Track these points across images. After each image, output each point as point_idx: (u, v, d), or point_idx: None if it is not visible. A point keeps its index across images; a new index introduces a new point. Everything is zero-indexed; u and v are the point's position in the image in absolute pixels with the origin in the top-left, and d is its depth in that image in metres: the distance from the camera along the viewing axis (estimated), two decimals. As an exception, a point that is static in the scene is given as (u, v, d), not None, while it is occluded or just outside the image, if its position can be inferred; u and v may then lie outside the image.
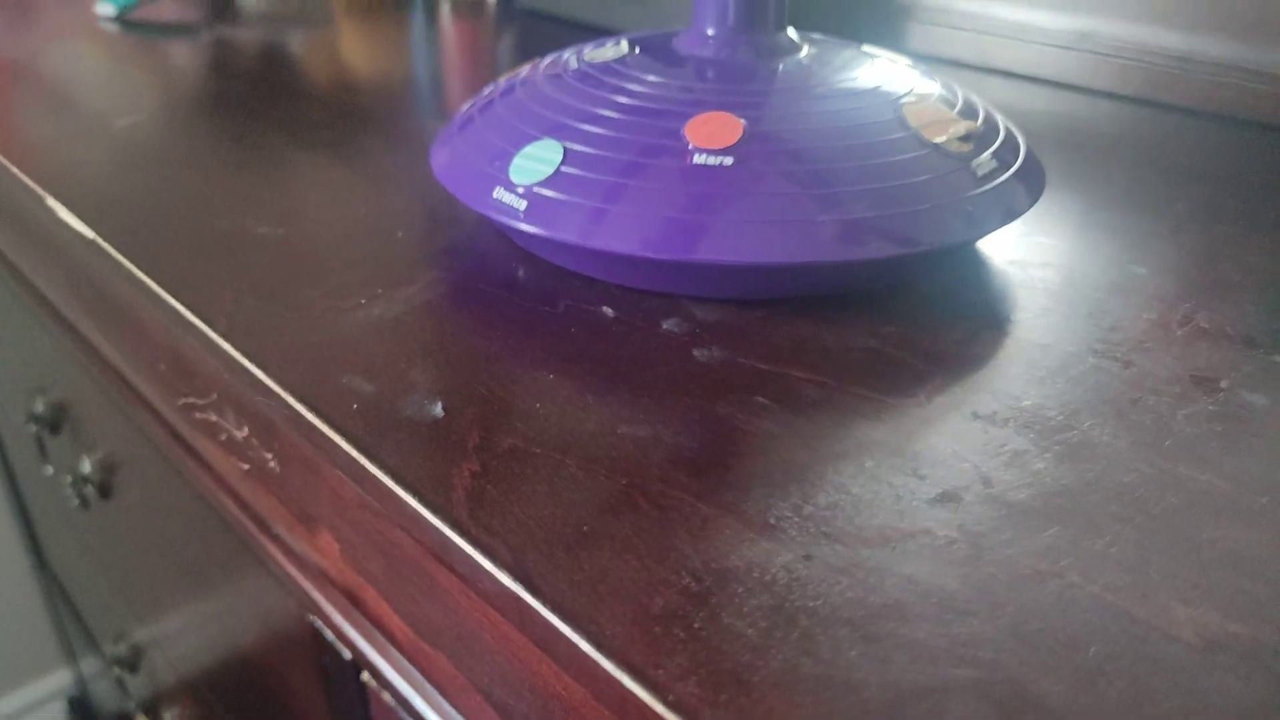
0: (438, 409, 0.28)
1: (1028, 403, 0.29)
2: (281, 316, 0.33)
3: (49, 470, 0.85)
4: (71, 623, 1.12)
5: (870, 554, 0.23)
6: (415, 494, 0.25)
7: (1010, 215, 0.34)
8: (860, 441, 0.27)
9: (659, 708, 0.19)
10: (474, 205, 0.35)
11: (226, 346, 0.31)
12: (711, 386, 0.29)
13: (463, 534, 0.24)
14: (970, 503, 0.25)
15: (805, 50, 0.38)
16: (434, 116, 0.54)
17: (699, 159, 0.32)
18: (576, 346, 0.31)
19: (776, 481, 0.25)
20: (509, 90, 0.39)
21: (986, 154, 0.35)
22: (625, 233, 0.32)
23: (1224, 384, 0.30)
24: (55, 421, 0.77)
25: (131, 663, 0.86)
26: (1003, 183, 0.35)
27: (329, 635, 0.41)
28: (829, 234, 0.31)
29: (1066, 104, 0.56)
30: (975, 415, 0.28)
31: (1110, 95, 0.57)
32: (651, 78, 0.36)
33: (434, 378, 0.29)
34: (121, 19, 0.73)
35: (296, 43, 0.70)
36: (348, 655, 0.40)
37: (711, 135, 0.33)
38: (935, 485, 0.25)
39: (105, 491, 0.72)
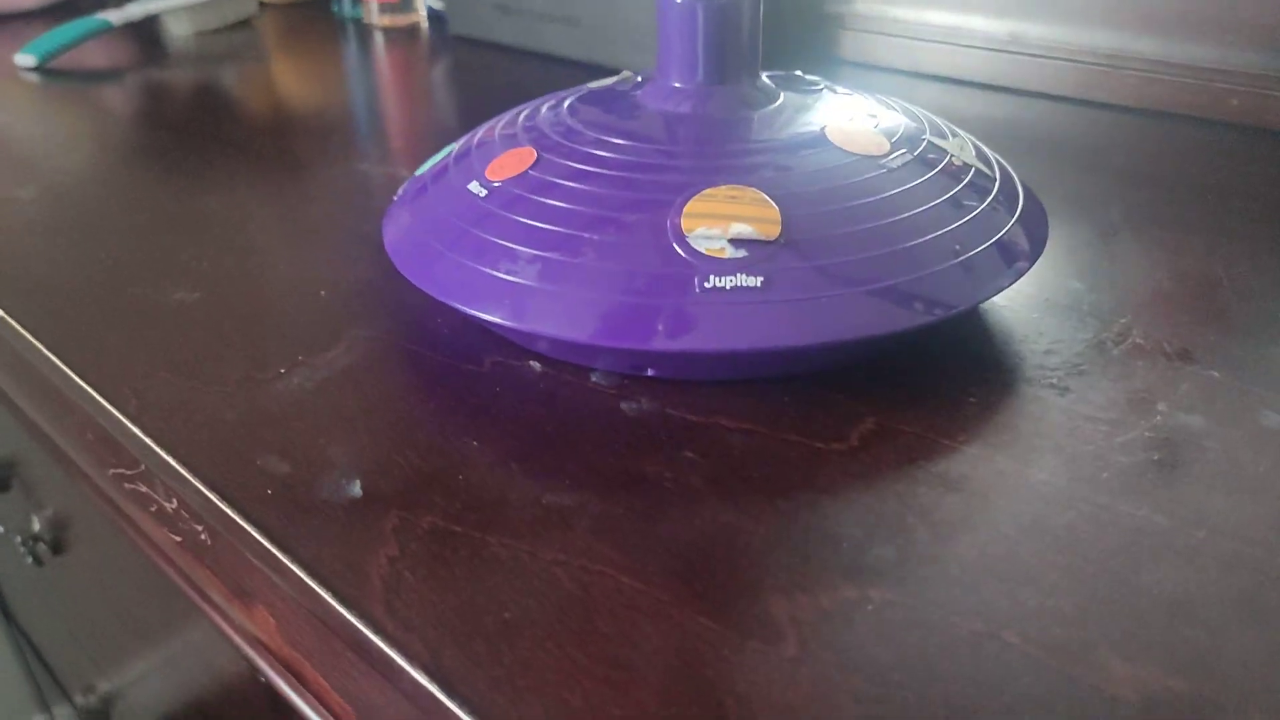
0: (355, 488, 0.27)
1: (961, 440, 0.28)
2: (195, 392, 0.32)
3: (0, 529, 0.83)
4: (42, 674, 1.10)
5: (803, 624, 0.22)
6: (329, 588, 0.24)
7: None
8: (791, 496, 0.26)
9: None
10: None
11: (136, 430, 0.30)
12: (639, 444, 0.28)
13: (378, 631, 0.23)
14: (904, 559, 0.24)
15: (780, 100, 0.35)
16: (364, 160, 0.52)
17: (472, 186, 0.33)
18: (502, 407, 0.30)
19: (704, 548, 0.24)
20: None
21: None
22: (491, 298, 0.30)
23: (1161, 406, 0.29)
24: (4, 479, 0.75)
25: (103, 713, 0.84)
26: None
27: (283, 698, 0.40)
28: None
29: (1000, 107, 0.56)
30: (910, 458, 0.27)
31: (1043, 96, 0.56)
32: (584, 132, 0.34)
33: (353, 452, 0.28)
34: (43, 68, 0.71)
35: (228, 82, 0.68)
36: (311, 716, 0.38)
37: (503, 167, 0.33)
38: (869, 541, 0.24)
39: (57, 548, 0.70)
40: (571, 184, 0.32)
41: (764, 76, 0.37)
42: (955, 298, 0.29)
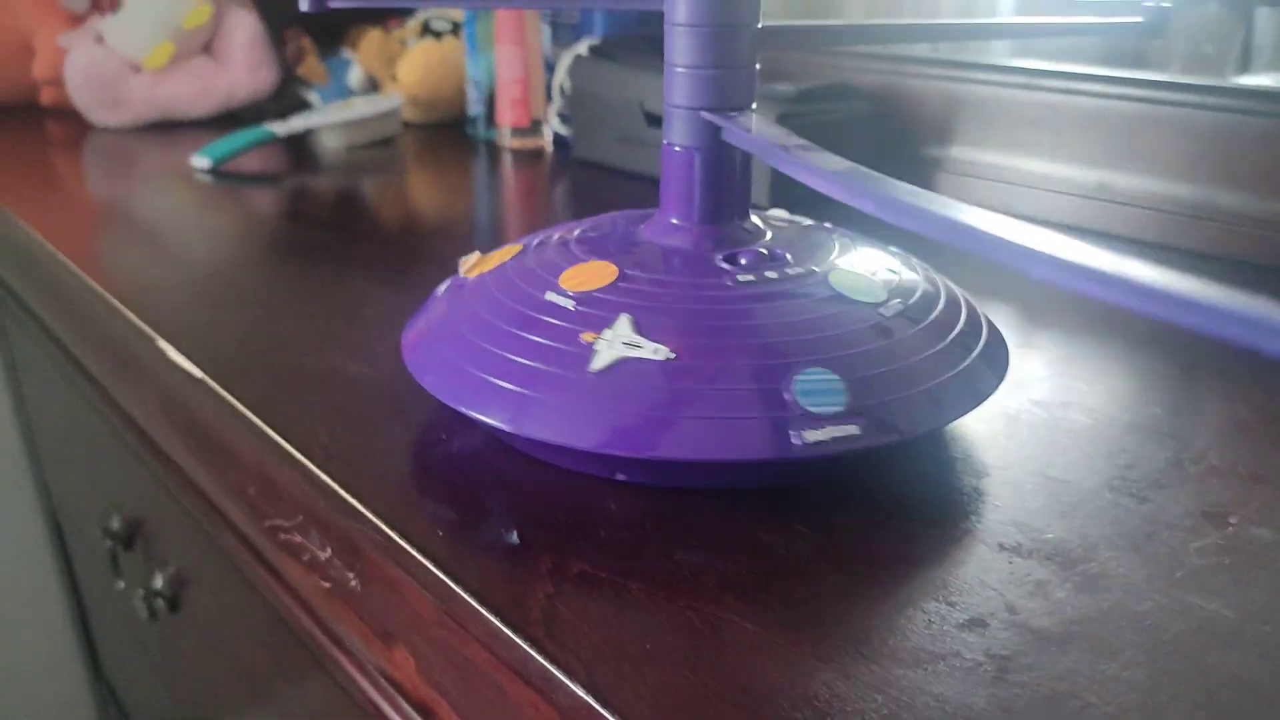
0: (513, 536, 0.31)
1: (1050, 535, 0.31)
2: (371, 449, 0.37)
3: (120, 585, 0.89)
4: (122, 738, 1.14)
5: (904, 674, 0.25)
6: (497, 614, 0.28)
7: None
8: (893, 569, 0.30)
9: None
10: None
11: (323, 476, 0.35)
12: (756, 515, 0.32)
13: (540, 650, 0.26)
14: (996, 628, 0.27)
15: (768, 237, 0.39)
16: (500, 260, 0.59)
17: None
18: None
19: (815, 605, 0.28)
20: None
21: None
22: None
23: (1233, 519, 0.32)
24: (129, 538, 0.81)
25: (184, 778, 0.87)
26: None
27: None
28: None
29: (1089, 248, 0.60)
30: (1001, 546, 0.31)
31: (1129, 240, 0.60)
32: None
33: (510, 506, 0.33)
34: (215, 170, 0.80)
35: (374, 189, 0.77)
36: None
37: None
38: (964, 611, 0.28)
39: (174, 606, 0.75)
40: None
41: (754, 217, 0.40)
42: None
